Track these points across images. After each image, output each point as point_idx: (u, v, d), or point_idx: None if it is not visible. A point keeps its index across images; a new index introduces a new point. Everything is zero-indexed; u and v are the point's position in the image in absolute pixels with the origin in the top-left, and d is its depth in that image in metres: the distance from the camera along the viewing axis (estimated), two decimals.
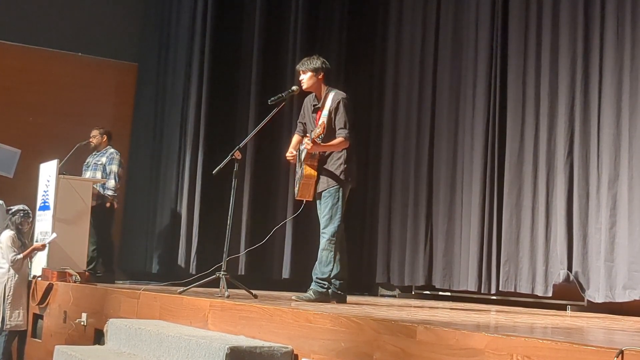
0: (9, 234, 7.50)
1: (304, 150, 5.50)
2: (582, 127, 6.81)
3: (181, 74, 9.79)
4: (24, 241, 7.62)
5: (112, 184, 8.42)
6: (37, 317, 7.51)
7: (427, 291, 8.39)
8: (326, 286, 5.46)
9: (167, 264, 9.48)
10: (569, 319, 5.21)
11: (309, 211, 5.78)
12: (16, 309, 7.36)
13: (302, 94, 5.77)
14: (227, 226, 5.57)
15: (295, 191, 5.68)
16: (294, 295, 5.66)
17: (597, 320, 5.23)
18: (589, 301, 6.64)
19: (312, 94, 5.69)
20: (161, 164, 10.04)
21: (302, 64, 5.64)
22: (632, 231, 6.25)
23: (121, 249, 10.10)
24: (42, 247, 7.53)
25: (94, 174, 8.42)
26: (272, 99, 5.61)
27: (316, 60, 5.59)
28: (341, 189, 5.47)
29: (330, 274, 5.43)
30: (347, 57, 9.48)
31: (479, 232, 7.56)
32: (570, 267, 6.72)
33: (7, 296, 7.33)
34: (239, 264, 8.68)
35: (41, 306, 7.34)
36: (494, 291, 7.39)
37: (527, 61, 7.39)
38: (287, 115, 8.68)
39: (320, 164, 5.50)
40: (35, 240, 8.00)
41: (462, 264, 7.78)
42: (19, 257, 7.37)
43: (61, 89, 10.29)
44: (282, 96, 5.59)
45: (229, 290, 5.28)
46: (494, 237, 7.45)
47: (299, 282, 7.57)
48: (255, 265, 8.82)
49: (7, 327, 7.29)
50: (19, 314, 7.37)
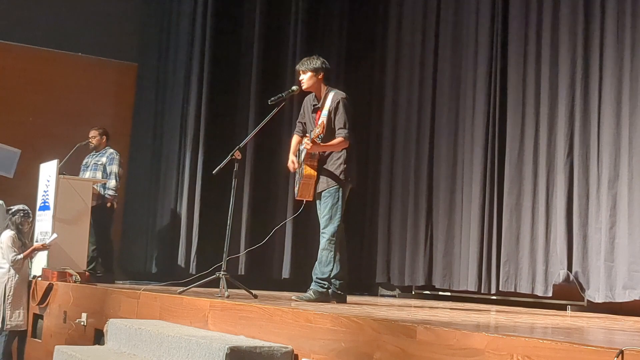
0: (9, 234, 7.50)
1: (304, 150, 5.50)
2: (582, 127, 6.81)
3: (181, 74, 9.79)
4: (24, 241, 7.62)
5: (113, 184, 8.42)
6: (37, 317, 7.51)
7: (427, 291, 8.39)
8: (326, 286, 5.46)
9: (167, 264, 9.48)
10: (569, 319, 5.21)
11: (309, 211, 5.78)
12: (16, 309, 7.36)
13: (302, 94, 5.77)
14: (227, 226, 5.57)
15: (295, 191, 5.69)
16: (294, 295, 5.66)
17: (597, 320, 5.23)
18: (589, 301, 6.64)
19: (312, 94, 5.69)
20: (161, 164, 10.05)
21: (302, 64, 5.64)
22: (632, 231, 6.25)
23: (121, 249, 10.10)
24: (43, 247, 7.53)
25: (94, 174, 8.41)
26: (272, 99, 5.61)
27: (316, 60, 5.59)
28: (341, 189, 5.47)
29: (330, 274, 5.43)
30: (347, 57, 9.49)
31: (479, 232, 7.56)
32: (570, 267, 6.72)
33: (8, 296, 7.33)
34: (239, 264, 8.69)
35: (41, 306, 7.34)
36: (494, 291, 7.39)
37: (527, 61, 7.39)
38: (287, 115, 8.69)
39: (320, 164, 5.50)
40: (35, 240, 8.00)
41: (462, 264, 7.79)
42: (19, 257, 7.37)
43: (61, 89, 10.28)
44: (282, 96, 5.59)
45: (229, 290, 5.29)
46: (494, 237, 7.45)
47: (299, 282, 7.58)
48: (255, 265, 8.83)
49: (8, 327, 7.29)
50: (19, 314, 7.37)
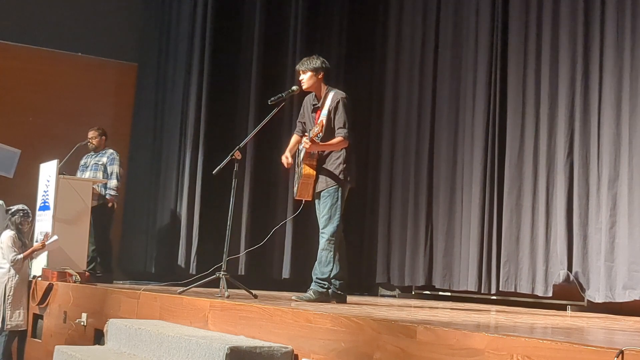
0: (9, 234, 7.50)
1: (303, 149, 5.50)
2: (582, 127, 6.81)
3: (181, 74, 9.79)
4: (24, 241, 7.61)
5: (114, 184, 8.42)
6: (37, 317, 7.51)
7: (427, 291, 8.39)
8: (326, 286, 5.46)
9: (167, 264, 9.48)
10: (569, 319, 5.21)
11: (309, 211, 5.78)
12: (16, 309, 7.36)
13: (302, 94, 5.77)
14: (227, 226, 5.57)
15: (294, 191, 5.68)
16: (294, 295, 5.65)
17: (597, 320, 5.23)
18: (589, 301, 6.64)
19: (312, 94, 5.69)
20: (161, 164, 10.04)
21: (302, 64, 5.64)
22: (632, 231, 6.25)
23: (121, 249, 10.10)
24: (42, 246, 7.53)
25: (95, 175, 8.41)
26: (272, 99, 5.60)
27: (316, 60, 5.59)
28: (340, 189, 5.46)
29: (330, 274, 5.42)
30: (347, 57, 9.48)
31: (479, 232, 7.56)
32: (570, 267, 6.72)
33: (8, 296, 7.33)
34: (239, 264, 8.69)
35: (41, 306, 7.34)
36: (494, 291, 7.39)
37: (527, 61, 7.39)
38: (287, 115, 8.69)
39: (319, 163, 5.49)
40: (35, 240, 7.99)
41: (462, 264, 7.78)
42: (19, 257, 7.37)
43: (61, 89, 10.28)
44: (282, 96, 5.59)
45: (229, 290, 5.29)
46: (494, 237, 7.45)
47: (299, 282, 7.58)
48: (255, 265, 8.83)
49: (8, 327, 7.29)
50: (19, 314, 7.37)
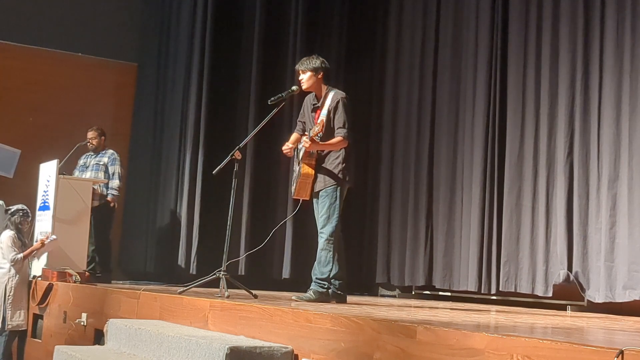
0: (9, 234, 7.50)
1: (302, 148, 5.49)
2: (582, 127, 6.81)
3: (181, 74, 9.79)
4: (24, 241, 7.62)
5: (116, 184, 8.44)
6: (37, 317, 7.51)
7: (427, 291, 8.39)
8: (326, 286, 5.45)
9: (167, 264, 9.48)
10: (569, 319, 5.21)
11: (309, 211, 5.77)
12: (17, 309, 7.36)
13: (302, 94, 5.76)
14: (227, 226, 5.57)
15: (292, 190, 5.67)
16: (294, 295, 5.65)
17: (597, 320, 5.23)
18: (589, 301, 6.64)
19: (312, 93, 5.69)
20: (161, 164, 10.04)
21: (302, 64, 5.64)
22: (632, 231, 6.25)
23: (121, 249, 10.10)
24: (41, 244, 7.54)
25: (96, 175, 8.42)
26: (272, 99, 5.60)
27: (315, 59, 5.59)
28: (339, 189, 5.46)
29: (329, 274, 5.42)
30: (347, 57, 9.48)
31: (479, 232, 7.56)
32: (570, 267, 6.72)
33: (8, 296, 7.33)
34: (238, 263, 8.68)
35: (41, 306, 7.34)
36: (494, 291, 7.39)
37: (527, 61, 7.39)
38: (287, 115, 8.68)
39: (318, 163, 5.48)
40: (35, 240, 8.00)
41: (462, 264, 7.78)
42: (19, 256, 7.37)
43: (61, 89, 10.28)
44: (282, 96, 5.58)
45: (229, 290, 5.28)
46: (494, 237, 7.45)
47: (299, 282, 7.57)
48: (255, 265, 8.82)
49: (8, 327, 7.29)
50: (19, 314, 7.37)
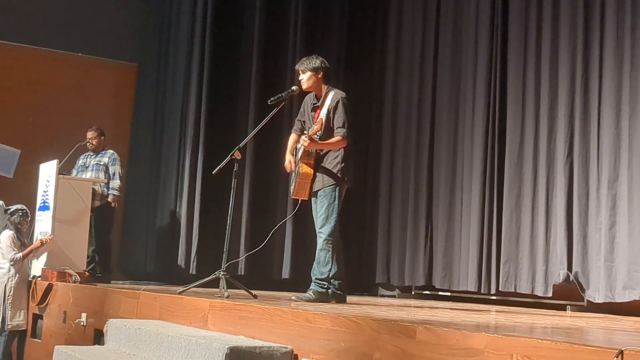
0: (8, 233, 7.50)
1: (301, 147, 5.48)
2: (582, 127, 6.81)
3: (181, 74, 9.78)
4: (23, 241, 7.62)
5: (117, 184, 8.46)
6: (37, 317, 7.51)
7: (427, 291, 8.39)
8: (326, 286, 5.45)
9: (167, 264, 9.48)
10: (569, 319, 5.21)
11: (309, 210, 5.77)
12: (17, 309, 7.36)
13: (302, 94, 5.76)
14: (227, 226, 5.57)
15: (290, 190, 5.67)
16: (294, 295, 5.65)
17: (597, 320, 5.23)
18: (588, 301, 6.64)
19: (313, 93, 5.68)
20: (161, 164, 10.04)
21: (302, 64, 5.64)
22: (632, 231, 6.24)
23: (121, 249, 10.10)
24: (41, 243, 7.54)
25: (97, 175, 8.42)
26: (271, 99, 5.60)
27: (315, 59, 5.59)
28: (338, 188, 5.45)
29: (329, 274, 5.42)
30: (347, 57, 9.48)
31: (479, 232, 7.56)
32: (570, 267, 6.72)
33: (8, 296, 7.33)
34: (238, 263, 8.67)
35: (41, 306, 7.34)
36: (494, 291, 7.38)
37: (527, 61, 7.39)
38: (287, 115, 8.67)
39: (317, 162, 5.47)
40: (34, 240, 7.99)
41: (462, 264, 7.78)
42: (18, 255, 7.38)
43: (61, 89, 10.28)
44: (282, 96, 5.58)
45: (228, 290, 5.28)
46: (494, 237, 7.45)
47: (299, 282, 7.57)
48: (255, 265, 8.82)
49: (8, 327, 7.29)
50: (19, 314, 7.37)
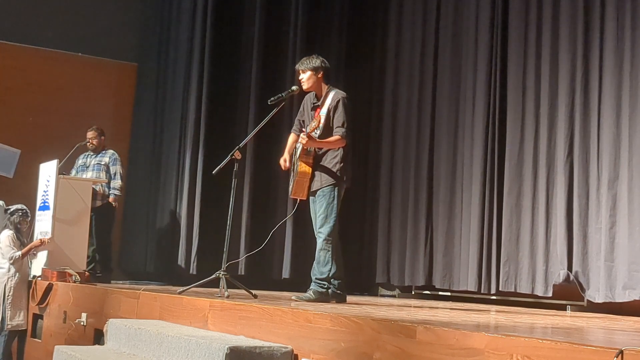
0: (7, 233, 7.51)
1: (300, 146, 5.47)
2: (582, 127, 6.81)
3: (181, 74, 9.78)
4: (23, 240, 7.62)
5: (119, 184, 8.48)
6: (37, 317, 7.51)
7: (427, 291, 8.39)
8: (326, 286, 5.45)
9: (167, 264, 9.48)
10: (569, 319, 5.21)
11: (309, 210, 5.77)
12: (17, 309, 7.36)
13: (303, 94, 5.76)
14: (227, 226, 5.57)
15: (289, 189, 5.66)
16: (294, 295, 5.65)
17: (597, 320, 5.23)
18: (588, 301, 6.64)
19: (313, 92, 5.68)
20: (161, 164, 10.04)
21: (302, 64, 5.64)
22: (632, 231, 6.25)
23: (121, 249, 10.10)
24: (40, 243, 7.54)
25: (97, 175, 8.43)
26: (272, 99, 5.60)
27: (315, 59, 5.59)
28: (336, 188, 5.45)
29: (329, 274, 5.41)
30: (347, 57, 9.48)
31: (479, 232, 7.56)
32: (570, 267, 6.72)
33: (8, 296, 7.33)
34: (238, 263, 8.68)
35: (41, 306, 7.34)
36: (494, 291, 7.39)
37: (527, 61, 7.39)
38: (287, 115, 8.67)
39: (315, 161, 5.47)
40: (34, 240, 7.99)
41: (462, 264, 7.78)
42: (17, 254, 7.38)
43: (61, 89, 10.28)
44: (282, 96, 5.58)
45: (228, 290, 5.28)
46: (494, 237, 7.45)
47: (299, 282, 7.57)
48: (255, 265, 8.82)
49: (8, 327, 7.29)
50: (19, 314, 7.37)
